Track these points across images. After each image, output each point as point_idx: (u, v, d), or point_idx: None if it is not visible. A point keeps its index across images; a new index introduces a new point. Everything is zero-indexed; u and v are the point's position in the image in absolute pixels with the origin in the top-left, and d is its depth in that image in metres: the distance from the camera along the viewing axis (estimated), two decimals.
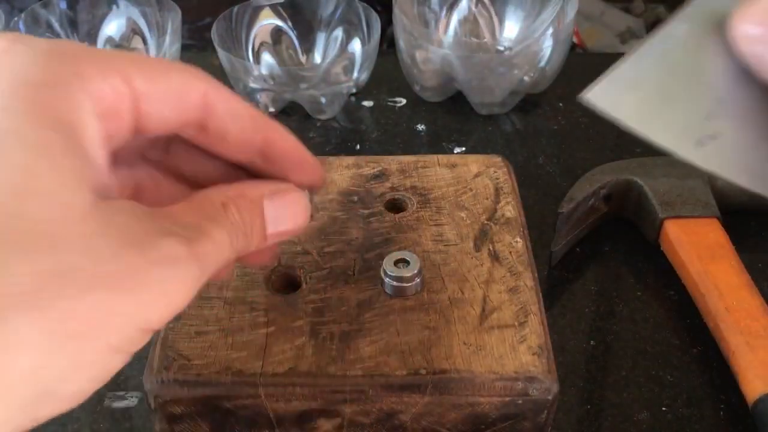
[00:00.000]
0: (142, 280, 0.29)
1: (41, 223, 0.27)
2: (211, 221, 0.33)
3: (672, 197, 0.61)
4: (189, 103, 0.34)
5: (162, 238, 0.30)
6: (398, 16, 0.75)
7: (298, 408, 0.41)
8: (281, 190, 0.37)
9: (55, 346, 0.27)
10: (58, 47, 0.31)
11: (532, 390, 0.40)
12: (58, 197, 0.28)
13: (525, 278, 0.45)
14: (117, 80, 0.32)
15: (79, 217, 0.28)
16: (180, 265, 0.30)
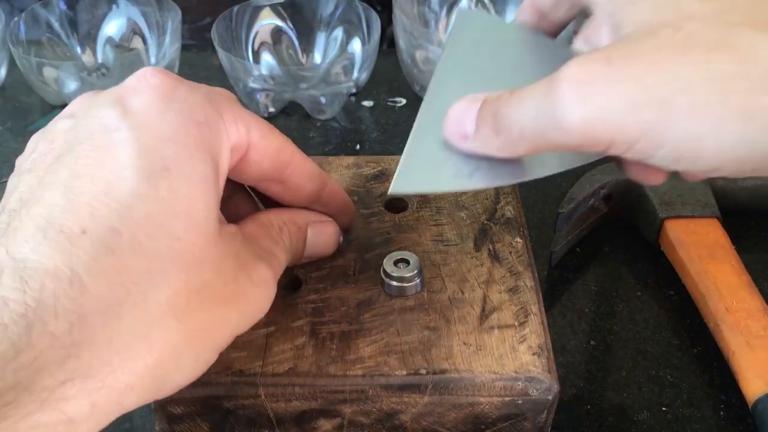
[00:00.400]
0: (247, 298, 0.37)
1: (194, 246, 0.34)
2: (275, 245, 0.41)
3: (672, 197, 0.61)
4: (282, 159, 0.41)
5: (258, 263, 0.38)
6: (398, 16, 0.75)
7: (298, 408, 0.41)
8: (322, 221, 0.45)
9: (187, 347, 0.34)
10: (213, 93, 0.38)
11: (533, 390, 0.40)
12: (206, 224, 0.35)
13: (525, 278, 0.45)
14: (243, 128, 0.38)
15: (214, 242, 0.35)
16: (267, 286, 0.38)
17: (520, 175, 0.41)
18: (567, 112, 0.33)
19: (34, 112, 0.78)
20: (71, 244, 0.31)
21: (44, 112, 0.77)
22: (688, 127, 0.32)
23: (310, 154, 0.52)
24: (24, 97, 0.79)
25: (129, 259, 0.32)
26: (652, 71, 0.32)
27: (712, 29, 0.33)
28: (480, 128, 0.39)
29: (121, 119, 0.35)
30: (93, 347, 0.30)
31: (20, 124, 0.76)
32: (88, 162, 0.34)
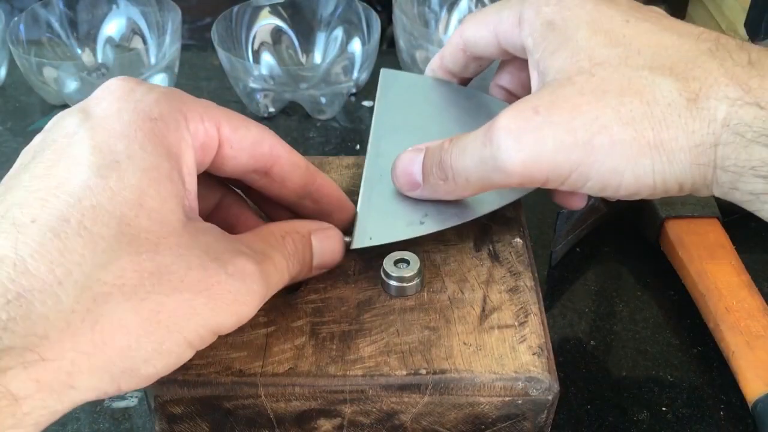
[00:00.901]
0: (220, 288, 0.36)
1: (146, 232, 0.34)
2: (273, 249, 0.40)
3: (672, 197, 0.60)
4: (261, 152, 0.41)
5: (237, 256, 0.37)
6: (398, 16, 0.75)
7: (298, 408, 0.41)
8: (324, 228, 0.44)
9: (145, 332, 0.33)
10: (171, 92, 0.39)
11: (532, 390, 0.40)
12: (160, 214, 0.35)
13: (525, 278, 0.45)
14: (210, 125, 0.39)
15: (174, 231, 0.35)
16: (249, 280, 0.37)
17: (466, 215, 0.46)
18: (507, 159, 0.39)
19: (34, 112, 0.78)
20: (19, 232, 0.33)
21: (44, 112, 0.77)
22: (609, 163, 0.38)
23: (310, 153, 0.52)
24: (24, 97, 0.79)
25: (74, 242, 0.33)
26: (574, 117, 0.38)
27: (620, 74, 0.38)
28: (428, 177, 0.44)
29: (80, 124, 0.37)
30: (28, 322, 0.31)
31: (20, 124, 0.76)
32: (48, 164, 0.36)
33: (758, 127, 0.35)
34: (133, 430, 0.50)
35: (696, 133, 0.37)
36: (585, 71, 0.40)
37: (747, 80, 0.36)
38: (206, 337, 0.36)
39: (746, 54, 0.37)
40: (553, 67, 0.42)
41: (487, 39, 0.49)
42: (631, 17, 0.41)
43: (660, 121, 0.37)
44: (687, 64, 0.38)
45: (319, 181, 0.45)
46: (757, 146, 0.36)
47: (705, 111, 0.36)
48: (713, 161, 0.37)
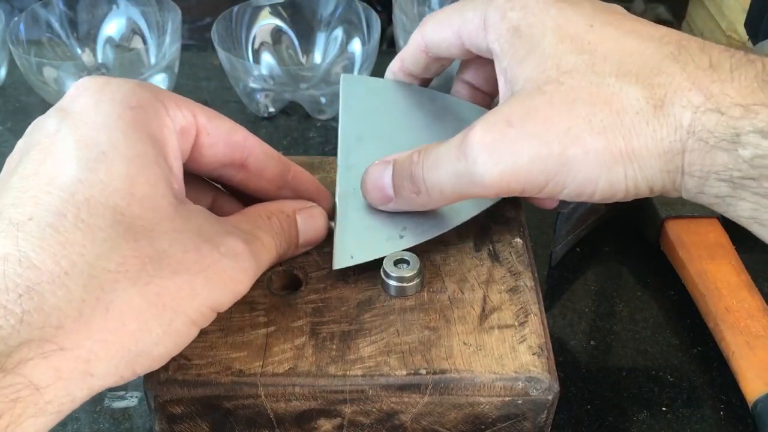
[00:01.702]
0: (215, 268, 0.37)
1: (140, 219, 0.36)
2: (260, 229, 0.42)
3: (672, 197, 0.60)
4: (235, 141, 0.43)
5: (227, 237, 0.39)
6: (398, 16, 0.75)
7: (298, 408, 0.41)
8: (307, 207, 0.46)
9: (153, 314, 0.35)
10: (145, 83, 0.40)
11: (533, 390, 0.40)
12: (152, 200, 0.36)
13: (525, 278, 0.45)
14: (187, 112, 0.41)
15: (167, 216, 0.37)
16: (241, 258, 0.39)
17: (444, 226, 0.46)
18: (483, 172, 0.40)
19: (34, 112, 0.77)
20: (18, 230, 0.34)
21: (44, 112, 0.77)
22: (584, 172, 0.39)
23: (310, 153, 0.52)
24: (24, 97, 0.79)
25: (73, 235, 0.34)
26: (547, 129, 0.39)
27: (588, 82, 0.39)
28: (400, 191, 0.45)
29: (60, 122, 0.38)
30: (42, 313, 0.32)
31: (20, 124, 0.76)
32: (34, 164, 0.36)
33: (719, 133, 0.36)
34: (133, 430, 0.50)
35: (664, 140, 0.37)
36: (553, 80, 0.40)
37: (708, 85, 0.37)
38: (207, 314, 0.38)
39: (707, 56, 0.38)
40: (522, 75, 0.42)
41: (450, 40, 0.48)
42: (595, 21, 0.41)
43: (630, 129, 0.38)
44: (651, 70, 0.38)
45: (293, 170, 0.46)
46: (719, 151, 0.36)
47: (671, 118, 0.37)
48: (681, 167, 0.38)
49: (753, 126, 0.35)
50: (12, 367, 0.31)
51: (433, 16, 0.50)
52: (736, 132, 0.36)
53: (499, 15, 0.44)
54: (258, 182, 0.45)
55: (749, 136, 0.35)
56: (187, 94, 0.79)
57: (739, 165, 0.36)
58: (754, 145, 0.35)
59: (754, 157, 0.35)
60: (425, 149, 0.44)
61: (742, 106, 0.36)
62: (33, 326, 0.32)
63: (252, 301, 0.44)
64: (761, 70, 0.37)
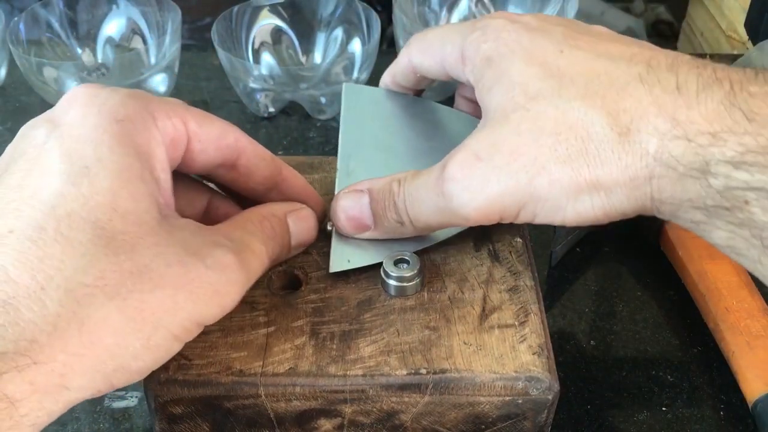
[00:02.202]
0: (200, 282, 0.37)
1: (122, 234, 0.35)
2: (251, 236, 0.41)
3: None
4: (226, 143, 0.42)
5: (215, 249, 0.38)
6: (398, 16, 0.75)
7: (299, 408, 0.41)
8: (298, 209, 0.46)
9: (131, 329, 0.34)
10: (136, 93, 0.40)
11: (533, 389, 0.40)
12: (135, 215, 0.36)
13: (525, 278, 0.45)
14: (177, 121, 0.40)
15: (150, 231, 0.36)
16: (229, 270, 0.38)
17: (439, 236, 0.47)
18: (461, 207, 0.41)
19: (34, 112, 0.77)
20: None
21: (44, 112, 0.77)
22: (551, 201, 0.39)
23: (310, 153, 0.52)
24: (24, 97, 0.79)
25: (52, 249, 0.34)
26: (514, 159, 0.39)
27: (554, 107, 0.39)
28: (382, 221, 0.45)
29: (48, 134, 0.38)
30: (17, 327, 0.32)
31: (20, 124, 0.75)
32: (20, 175, 0.36)
33: (687, 161, 0.35)
34: (133, 430, 0.50)
35: (630, 167, 0.37)
36: (520, 107, 0.40)
37: (674, 111, 0.36)
38: (192, 329, 0.37)
39: (674, 77, 0.37)
40: (491, 104, 0.42)
41: (435, 68, 0.49)
42: (566, 46, 0.41)
43: (594, 156, 0.37)
44: (618, 93, 0.38)
45: (284, 172, 0.46)
46: (689, 180, 0.36)
47: (637, 145, 0.37)
48: (649, 193, 0.37)
49: (722, 155, 0.34)
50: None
51: (418, 42, 0.51)
52: (705, 161, 0.35)
53: (474, 48, 0.44)
54: (247, 183, 0.45)
55: (719, 166, 0.34)
56: (187, 94, 0.80)
57: (710, 194, 0.35)
58: (725, 176, 0.34)
59: (726, 189, 0.35)
60: (404, 180, 0.44)
61: (709, 133, 0.35)
62: (7, 340, 0.32)
63: (252, 301, 0.44)
64: (728, 90, 0.35)
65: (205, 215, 0.47)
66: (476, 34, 0.45)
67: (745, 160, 0.34)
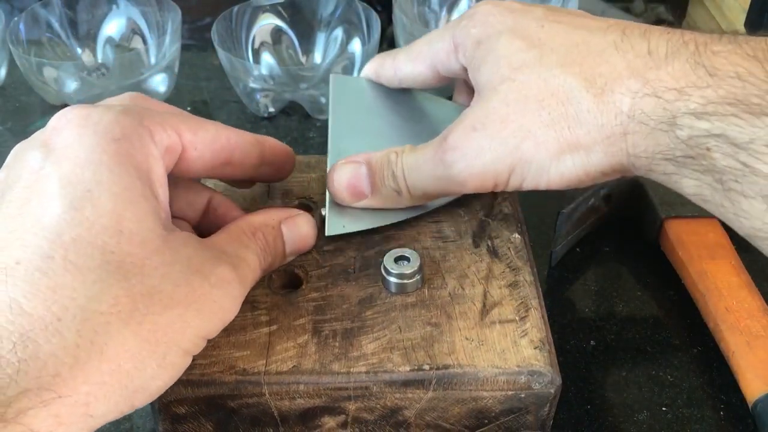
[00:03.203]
0: (205, 299, 0.37)
1: (129, 256, 0.35)
2: (245, 248, 0.41)
3: (672, 197, 0.61)
4: (220, 145, 0.43)
5: (217, 266, 0.39)
6: (398, 16, 0.75)
7: (303, 406, 0.41)
8: (293, 215, 0.46)
9: (147, 351, 0.35)
10: (128, 108, 0.40)
11: (535, 383, 0.40)
12: (140, 235, 0.36)
13: (524, 273, 0.45)
14: (172, 132, 0.40)
15: (156, 250, 0.36)
16: (230, 287, 0.39)
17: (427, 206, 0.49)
18: (459, 174, 0.44)
19: (34, 112, 0.78)
20: (7, 275, 0.33)
21: (44, 112, 0.77)
22: (536, 163, 0.42)
23: (310, 153, 0.52)
24: (24, 97, 0.79)
25: (62, 278, 0.34)
26: (504, 127, 0.42)
27: (536, 75, 0.42)
28: (380, 189, 0.47)
29: (44, 158, 0.37)
30: (38, 361, 0.32)
31: (20, 124, 0.76)
32: (18, 203, 0.36)
33: (657, 116, 0.38)
34: (133, 430, 0.50)
35: (605, 126, 0.40)
36: (507, 78, 0.43)
37: (645, 72, 0.39)
38: (200, 344, 0.38)
39: (646, 42, 0.40)
40: (482, 80, 0.45)
41: (426, 74, 0.51)
42: (546, 21, 0.44)
43: (574, 119, 0.41)
44: (594, 59, 0.41)
45: (267, 145, 0.47)
46: (659, 133, 0.39)
47: (611, 105, 0.40)
48: (625, 149, 0.40)
49: (687, 108, 0.37)
50: (12, 417, 0.31)
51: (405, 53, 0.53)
52: (672, 115, 0.38)
53: (464, 34, 0.47)
54: (242, 170, 0.46)
55: (684, 118, 0.37)
56: (187, 94, 0.80)
57: (678, 145, 0.38)
58: (689, 126, 0.37)
59: (690, 137, 0.37)
60: (402, 151, 0.47)
61: (676, 89, 0.38)
62: (30, 375, 0.32)
63: (254, 300, 0.44)
64: (694, 51, 0.38)
65: (204, 215, 0.47)
66: (465, 22, 0.47)
67: (707, 110, 0.37)
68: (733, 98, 0.36)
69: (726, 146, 0.36)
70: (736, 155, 0.36)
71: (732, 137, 0.36)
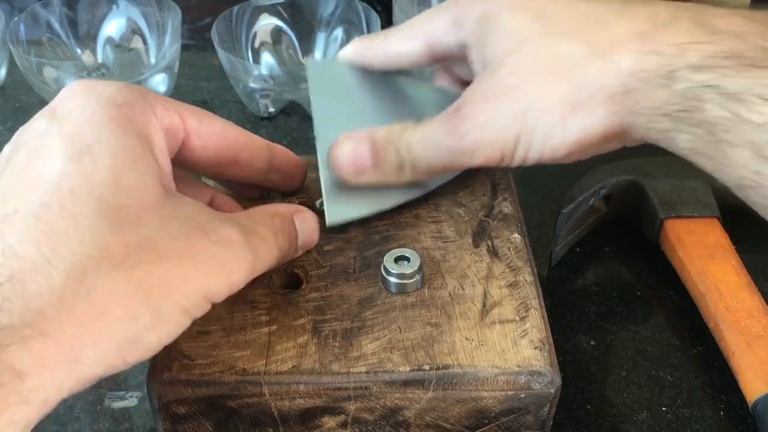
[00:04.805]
0: (205, 255, 0.37)
1: (126, 207, 0.36)
2: (260, 224, 0.41)
3: (672, 197, 0.61)
4: (227, 142, 0.44)
5: (221, 225, 0.39)
6: (398, 16, 0.75)
7: (302, 406, 0.41)
8: (301, 211, 0.46)
9: (139, 300, 0.34)
10: (133, 86, 0.41)
11: (535, 384, 0.40)
12: (138, 190, 0.37)
13: (524, 273, 0.45)
14: (174, 113, 0.41)
15: (154, 205, 0.37)
16: (235, 247, 0.38)
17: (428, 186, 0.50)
18: (471, 145, 0.45)
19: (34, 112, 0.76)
20: (4, 222, 0.34)
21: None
22: (541, 128, 0.43)
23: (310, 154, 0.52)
24: (24, 97, 0.79)
25: (57, 224, 0.34)
26: (511, 97, 0.44)
27: (540, 44, 0.43)
28: (381, 165, 0.47)
29: (49, 123, 0.38)
30: (23, 300, 0.32)
31: (20, 124, 0.75)
32: (23, 162, 0.37)
33: (657, 71, 0.40)
34: (133, 430, 0.50)
35: (607, 86, 0.41)
36: (513, 51, 0.44)
37: (646, 32, 0.41)
38: (200, 303, 0.37)
39: (647, 8, 0.42)
40: (488, 53, 0.46)
41: (418, 52, 0.51)
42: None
43: (578, 82, 0.42)
44: (596, 25, 0.43)
45: (277, 152, 0.48)
46: (658, 88, 0.40)
47: (612, 64, 0.41)
48: (627, 107, 0.41)
49: (685, 62, 0.39)
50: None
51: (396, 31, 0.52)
52: (671, 69, 0.39)
53: (466, 10, 0.48)
54: (249, 172, 0.47)
55: (682, 72, 0.39)
56: (187, 94, 0.80)
57: (675, 99, 0.39)
58: (685, 79, 0.39)
59: (687, 89, 0.39)
60: (407, 127, 0.47)
61: (676, 45, 0.40)
62: (12, 313, 0.32)
63: (253, 300, 0.44)
64: (694, 14, 0.40)
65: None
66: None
67: (705, 63, 0.38)
68: (730, 53, 0.38)
69: (719, 97, 0.38)
70: (728, 105, 0.38)
71: (724, 87, 0.38)
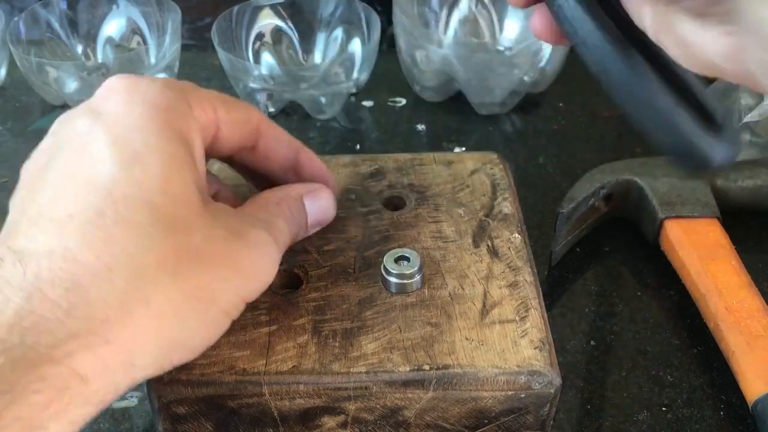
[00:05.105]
0: (244, 260, 0.39)
1: (175, 216, 0.37)
2: (273, 216, 0.43)
3: (672, 197, 0.61)
4: (249, 127, 0.45)
5: (252, 229, 0.40)
6: (398, 16, 0.75)
7: (303, 406, 0.41)
8: (314, 189, 0.47)
9: (187, 306, 0.36)
10: (171, 82, 0.42)
11: (535, 384, 0.40)
12: (183, 197, 0.38)
13: (524, 273, 0.45)
14: (209, 108, 0.42)
15: (198, 213, 0.38)
16: (266, 247, 0.41)
17: None
18: None
19: (34, 112, 0.78)
20: (61, 227, 0.35)
21: (44, 112, 0.77)
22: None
23: None
24: (24, 97, 0.79)
25: (114, 231, 0.35)
26: None
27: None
28: None
29: (93, 124, 0.39)
30: (89, 307, 0.34)
31: (20, 124, 0.76)
32: (70, 163, 0.38)
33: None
34: (133, 430, 0.50)
35: None
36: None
37: None
38: (239, 305, 0.40)
39: None
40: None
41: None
42: None
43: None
44: None
45: (302, 155, 0.48)
46: None
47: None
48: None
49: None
50: (60, 358, 0.32)
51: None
52: None
53: None
54: (266, 164, 0.47)
55: None
56: None
57: None
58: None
59: None
60: None
61: None
62: (79, 319, 0.33)
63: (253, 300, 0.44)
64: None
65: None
66: None
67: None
68: None
69: None
70: None
71: None
